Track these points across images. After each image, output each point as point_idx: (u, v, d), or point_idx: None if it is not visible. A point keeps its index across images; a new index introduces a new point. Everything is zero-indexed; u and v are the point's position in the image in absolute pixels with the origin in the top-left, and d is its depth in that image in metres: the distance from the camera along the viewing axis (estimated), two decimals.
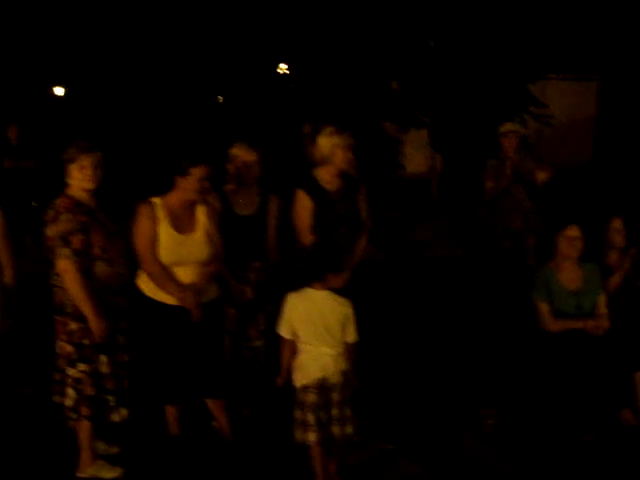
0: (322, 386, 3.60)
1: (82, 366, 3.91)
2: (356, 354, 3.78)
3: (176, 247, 3.97)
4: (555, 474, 4.05)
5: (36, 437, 4.37)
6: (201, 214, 4.09)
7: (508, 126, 6.67)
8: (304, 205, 4.48)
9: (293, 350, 3.68)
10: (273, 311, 4.41)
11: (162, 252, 3.96)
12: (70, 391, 3.94)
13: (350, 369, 3.70)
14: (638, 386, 4.43)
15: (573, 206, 8.65)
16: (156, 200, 4.03)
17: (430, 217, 10.94)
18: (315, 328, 3.59)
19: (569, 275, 4.60)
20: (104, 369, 3.95)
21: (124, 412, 4.06)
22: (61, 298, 3.91)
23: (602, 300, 4.60)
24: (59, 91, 18.02)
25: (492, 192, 6.30)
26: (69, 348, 3.92)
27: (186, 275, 4.01)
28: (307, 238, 4.45)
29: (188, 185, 3.97)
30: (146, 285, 4.07)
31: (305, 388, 3.62)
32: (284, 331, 3.66)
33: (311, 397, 3.60)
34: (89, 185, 3.94)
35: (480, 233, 6.78)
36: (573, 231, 4.53)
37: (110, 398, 3.99)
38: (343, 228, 4.46)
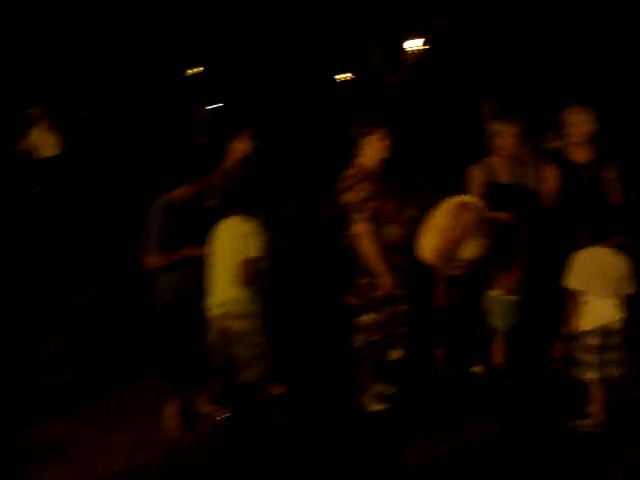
0: (605, 331, 4.10)
1: (366, 317, 4.51)
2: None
3: None
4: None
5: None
6: None
7: None
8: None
9: (577, 301, 4.19)
10: None
11: None
12: (358, 336, 4.58)
13: (625, 317, 4.18)
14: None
15: None
16: None
17: None
18: (601, 281, 4.09)
19: None
20: (388, 317, 4.53)
21: (401, 353, 4.62)
22: (355, 257, 4.51)
23: None
24: None
25: None
26: (354, 300, 4.52)
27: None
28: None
29: None
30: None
31: (588, 333, 4.13)
32: (574, 284, 4.17)
33: (595, 340, 4.11)
34: (384, 155, 4.42)
35: None
36: None
37: (390, 341, 4.57)
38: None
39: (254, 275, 4.31)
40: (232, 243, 4.29)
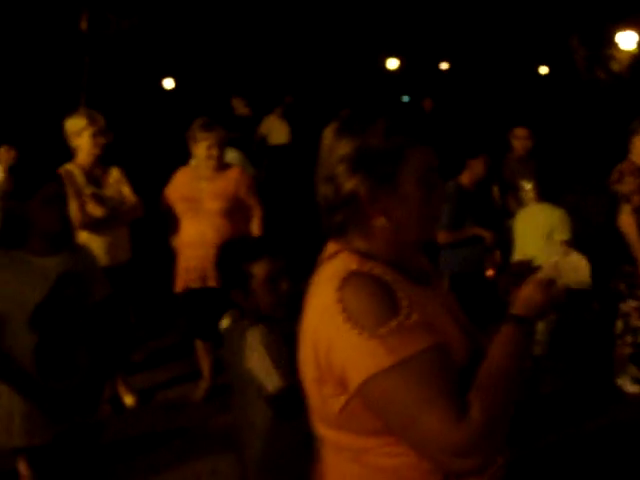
0: None
1: (632, 302, 4.74)
2: None
3: None
4: None
5: None
6: None
7: None
8: None
9: None
10: None
11: None
12: (619, 322, 4.83)
13: None
14: None
15: None
16: None
17: None
18: None
19: None
20: None
21: None
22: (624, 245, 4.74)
23: None
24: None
25: None
26: (622, 286, 4.76)
27: None
28: None
29: None
30: None
31: None
32: None
33: None
34: None
35: None
36: None
37: None
38: None
39: None
40: (539, 227, 4.67)
